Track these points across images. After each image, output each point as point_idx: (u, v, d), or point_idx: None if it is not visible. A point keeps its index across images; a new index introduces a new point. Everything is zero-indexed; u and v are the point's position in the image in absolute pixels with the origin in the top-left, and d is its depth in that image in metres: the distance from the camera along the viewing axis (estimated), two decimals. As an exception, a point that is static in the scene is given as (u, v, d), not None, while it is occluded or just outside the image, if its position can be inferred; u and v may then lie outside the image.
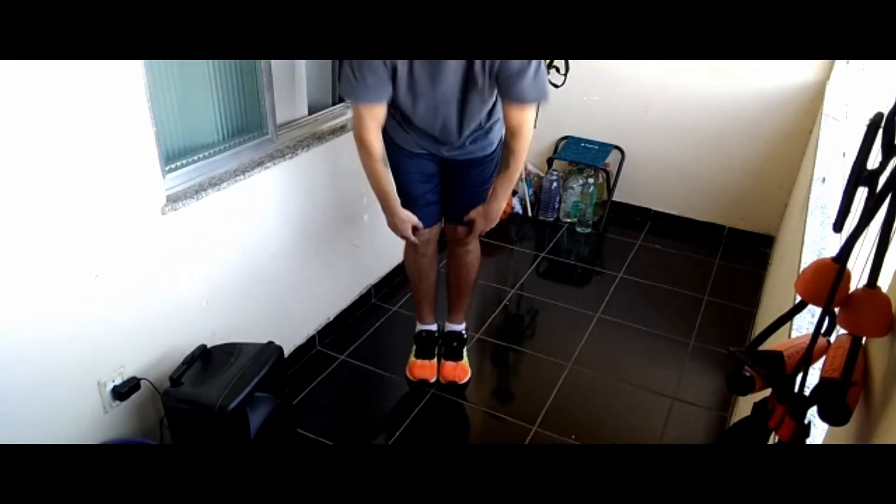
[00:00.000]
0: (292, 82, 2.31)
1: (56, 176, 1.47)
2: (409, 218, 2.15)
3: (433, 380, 2.45)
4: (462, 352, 2.52)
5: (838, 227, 0.77)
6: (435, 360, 2.49)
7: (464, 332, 2.55)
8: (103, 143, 1.55)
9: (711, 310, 2.96)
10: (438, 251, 2.40)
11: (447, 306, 2.54)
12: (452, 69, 1.86)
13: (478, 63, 1.84)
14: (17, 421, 1.54)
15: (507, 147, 1.99)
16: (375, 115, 1.93)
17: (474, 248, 2.37)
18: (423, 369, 2.45)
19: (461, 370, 2.48)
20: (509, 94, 1.88)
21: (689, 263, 3.38)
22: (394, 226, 2.17)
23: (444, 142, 2.08)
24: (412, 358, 2.48)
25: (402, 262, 3.02)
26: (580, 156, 3.62)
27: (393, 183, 2.13)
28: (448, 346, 2.52)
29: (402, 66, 1.85)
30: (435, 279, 2.46)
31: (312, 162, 2.29)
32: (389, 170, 2.12)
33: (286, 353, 2.20)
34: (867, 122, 0.73)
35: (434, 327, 2.54)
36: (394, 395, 2.42)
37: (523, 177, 3.73)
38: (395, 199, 2.13)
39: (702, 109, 3.37)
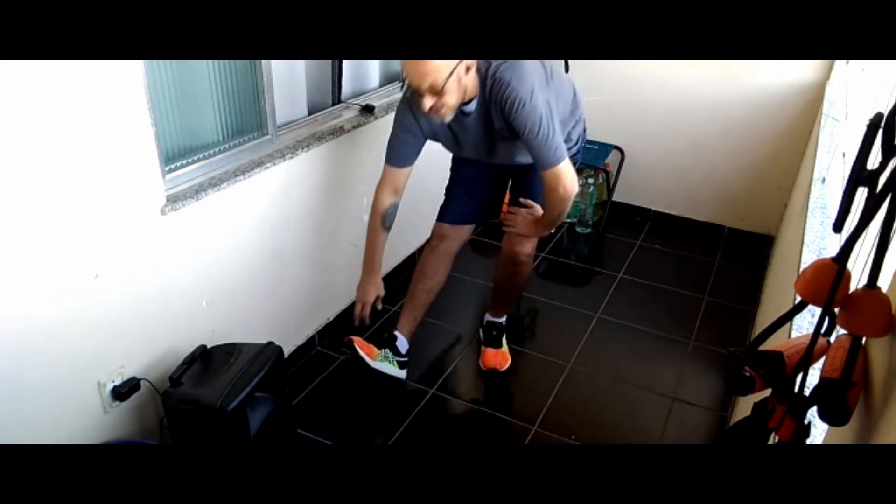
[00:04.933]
0: (292, 82, 2.31)
1: (56, 176, 1.47)
2: (376, 288, 2.18)
3: (372, 361, 2.26)
4: (501, 340, 2.57)
5: (838, 227, 0.77)
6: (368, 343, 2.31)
7: (504, 322, 2.58)
8: (103, 144, 1.55)
9: (711, 310, 2.96)
10: (453, 265, 2.40)
11: (490, 301, 2.57)
12: (472, 120, 1.96)
13: (492, 110, 1.92)
14: (17, 421, 1.54)
15: (546, 197, 2.04)
16: (393, 178, 2.08)
17: (525, 267, 2.36)
18: (364, 347, 2.26)
19: (501, 357, 2.53)
20: (531, 155, 1.95)
21: (688, 263, 3.38)
22: (361, 287, 2.20)
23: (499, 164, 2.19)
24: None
25: (403, 262, 3.06)
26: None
27: (381, 249, 2.18)
28: (488, 335, 2.56)
29: (441, 126, 1.98)
30: (434, 289, 2.36)
31: (312, 162, 2.29)
32: (386, 235, 2.17)
33: (286, 353, 2.20)
34: (867, 123, 0.73)
35: (403, 343, 2.36)
36: (394, 396, 2.42)
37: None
38: (375, 266, 2.19)
39: (702, 109, 3.37)
